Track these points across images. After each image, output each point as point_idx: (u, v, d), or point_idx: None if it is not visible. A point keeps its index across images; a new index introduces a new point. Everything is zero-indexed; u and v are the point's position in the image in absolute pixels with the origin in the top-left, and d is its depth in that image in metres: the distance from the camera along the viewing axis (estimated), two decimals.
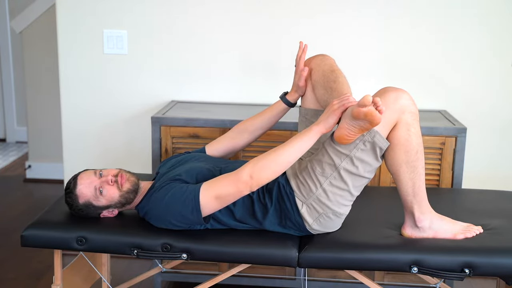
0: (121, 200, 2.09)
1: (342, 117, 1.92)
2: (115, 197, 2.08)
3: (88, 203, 2.08)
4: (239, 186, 1.94)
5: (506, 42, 2.95)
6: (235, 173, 1.96)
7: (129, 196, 2.09)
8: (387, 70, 3.00)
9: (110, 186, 2.07)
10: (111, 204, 2.09)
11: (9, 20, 5.21)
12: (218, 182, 1.97)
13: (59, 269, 2.15)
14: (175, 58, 3.06)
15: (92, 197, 2.07)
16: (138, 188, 2.11)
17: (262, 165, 1.94)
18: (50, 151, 4.35)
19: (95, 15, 3.04)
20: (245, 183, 1.93)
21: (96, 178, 2.08)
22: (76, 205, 2.09)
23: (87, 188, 2.07)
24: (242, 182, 1.93)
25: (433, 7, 2.93)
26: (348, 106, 1.90)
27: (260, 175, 1.93)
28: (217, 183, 1.97)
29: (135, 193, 2.10)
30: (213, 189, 1.96)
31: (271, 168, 1.94)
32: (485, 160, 3.02)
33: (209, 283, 2.17)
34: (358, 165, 1.96)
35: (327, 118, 1.93)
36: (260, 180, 1.94)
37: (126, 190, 2.08)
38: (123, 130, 3.13)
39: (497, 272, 1.96)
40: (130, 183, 2.09)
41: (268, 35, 3.01)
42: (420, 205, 2.01)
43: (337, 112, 1.92)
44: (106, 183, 2.06)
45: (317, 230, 2.05)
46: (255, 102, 3.06)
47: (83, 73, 3.10)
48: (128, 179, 2.10)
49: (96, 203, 2.08)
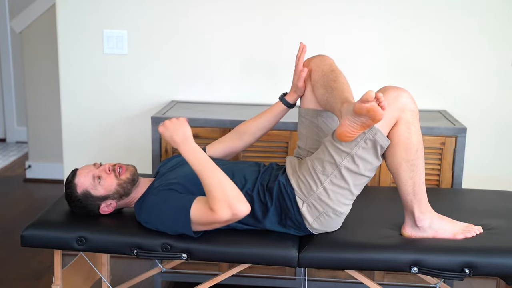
0: (118, 189, 2.09)
1: (343, 114, 1.92)
2: (112, 186, 2.08)
3: (86, 192, 2.09)
4: (225, 220, 1.92)
5: (506, 42, 2.95)
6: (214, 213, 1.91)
7: (127, 186, 2.10)
8: (388, 70, 3.00)
9: (108, 175, 2.09)
10: (109, 194, 2.09)
11: (9, 20, 5.21)
12: (204, 214, 1.94)
13: (59, 269, 2.15)
14: (175, 58, 3.06)
15: (90, 186, 2.08)
16: (136, 179, 2.12)
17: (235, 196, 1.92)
18: (50, 151, 4.35)
19: (95, 15, 3.04)
20: (228, 219, 1.92)
21: (95, 168, 2.11)
22: (75, 195, 2.10)
23: (86, 177, 2.09)
24: (225, 219, 1.92)
25: (433, 8, 2.93)
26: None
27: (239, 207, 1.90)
28: (204, 215, 1.94)
29: (133, 184, 2.11)
30: (199, 217, 1.95)
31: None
32: (485, 160, 3.02)
33: (209, 283, 2.17)
34: (359, 163, 1.96)
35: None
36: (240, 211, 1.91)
37: (125, 179, 2.09)
38: (123, 130, 3.13)
39: (497, 272, 1.96)
40: (130, 172, 2.11)
41: (268, 35, 3.01)
42: (420, 204, 2.01)
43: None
44: (104, 172, 2.09)
45: (317, 229, 2.05)
46: (255, 102, 3.06)
47: (83, 73, 3.10)
48: (128, 168, 2.12)
49: (94, 193, 2.08)
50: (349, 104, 1.93)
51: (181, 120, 1.99)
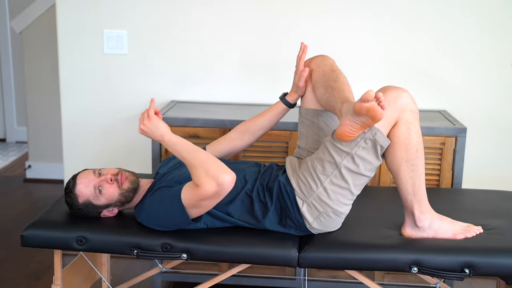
0: (120, 198, 2.09)
1: (344, 114, 1.92)
2: (114, 196, 2.08)
3: (88, 202, 2.08)
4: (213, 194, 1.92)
5: (506, 42, 2.95)
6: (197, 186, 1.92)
7: (129, 195, 2.09)
8: (388, 70, 3.00)
9: (110, 185, 2.07)
10: (110, 203, 2.09)
11: (9, 20, 5.21)
12: (190, 193, 1.95)
13: (59, 269, 2.15)
14: (175, 58, 3.06)
15: (92, 196, 2.07)
16: (137, 187, 2.12)
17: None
18: (50, 151, 4.35)
19: (95, 15, 3.04)
20: (215, 190, 1.91)
21: (95, 177, 2.09)
22: (76, 204, 2.09)
23: (86, 187, 2.07)
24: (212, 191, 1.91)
25: (433, 8, 2.93)
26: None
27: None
28: (190, 194, 1.95)
29: (135, 192, 2.11)
30: (189, 198, 1.95)
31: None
32: (485, 160, 3.02)
33: (209, 283, 2.17)
34: (359, 163, 1.96)
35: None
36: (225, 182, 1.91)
37: (126, 188, 2.08)
38: (123, 130, 3.13)
39: (497, 272, 1.96)
40: (130, 181, 2.10)
41: (269, 35, 3.01)
42: (420, 204, 2.01)
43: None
44: (106, 182, 2.07)
45: (317, 229, 2.05)
46: (255, 102, 3.06)
47: (83, 73, 3.10)
48: (128, 177, 2.10)
49: (95, 202, 2.08)
50: (349, 103, 1.93)
51: (152, 118, 2.01)
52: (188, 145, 1.99)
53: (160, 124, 2.01)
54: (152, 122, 2.01)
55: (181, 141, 2.00)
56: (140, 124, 2.03)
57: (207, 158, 1.94)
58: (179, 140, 2.00)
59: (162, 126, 2.01)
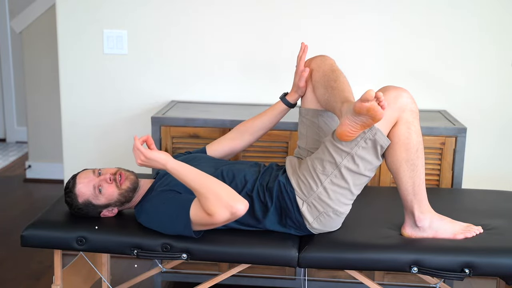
0: (120, 198, 2.09)
1: (344, 113, 1.92)
2: (114, 196, 2.08)
3: (88, 202, 2.08)
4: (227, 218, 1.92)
5: (506, 42, 2.95)
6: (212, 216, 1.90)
7: (128, 195, 2.09)
8: (388, 70, 3.00)
9: (109, 185, 2.07)
10: (110, 202, 2.09)
11: (9, 20, 5.21)
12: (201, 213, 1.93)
13: (59, 269, 2.15)
14: (175, 58, 3.06)
15: (91, 196, 2.07)
16: (137, 187, 2.11)
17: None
18: (50, 151, 4.35)
19: (95, 15, 3.04)
20: (228, 218, 1.92)
21: (94, 177, 2.09)
22: (75, 204, 2.09)
23: (86, 187, 2.07)
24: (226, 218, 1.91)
25: (433, 8, 2.93)
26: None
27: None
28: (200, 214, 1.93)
29: (134, 191, 2.11)
30: (199, 219, 1.94)
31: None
32: (485, 160, 3.02)
33: (209, 283, 2.17)
34: (359, 163, 1.96)
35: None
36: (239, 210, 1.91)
37: (126, 188, 2.08)
38: (123, 130, 3.13)
39: (497, 272, 1.96)
40: (130, 181, 2.10)
41: (269, 35, 3.01)
42: (420, 204, 2.01)
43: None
44: (105, 182, 2.07)
45: (317, 229, 2.05)
46: (256, 102, 3.06)
47: (83, 73, 3.10)
48: (128, 177, 2.10)
49: (95, 202, 2.08)
50: (349, 103, 1.93)
51: (146, 153, 1.96)
52: (191, 171, 1.95)
53: (157, 155, 1.96)
54: (147, 156, 1.96)
55: (183, 168, 1.96)
56: (137, 160, 1.98)
57: (216, 185, 1.91)
58: (181, 166, 1.96)
59: (161, 157, 1.96)
